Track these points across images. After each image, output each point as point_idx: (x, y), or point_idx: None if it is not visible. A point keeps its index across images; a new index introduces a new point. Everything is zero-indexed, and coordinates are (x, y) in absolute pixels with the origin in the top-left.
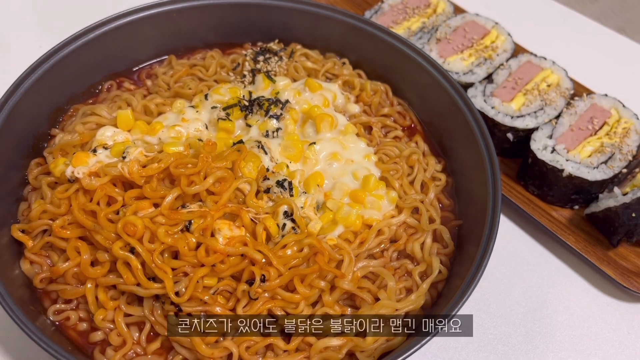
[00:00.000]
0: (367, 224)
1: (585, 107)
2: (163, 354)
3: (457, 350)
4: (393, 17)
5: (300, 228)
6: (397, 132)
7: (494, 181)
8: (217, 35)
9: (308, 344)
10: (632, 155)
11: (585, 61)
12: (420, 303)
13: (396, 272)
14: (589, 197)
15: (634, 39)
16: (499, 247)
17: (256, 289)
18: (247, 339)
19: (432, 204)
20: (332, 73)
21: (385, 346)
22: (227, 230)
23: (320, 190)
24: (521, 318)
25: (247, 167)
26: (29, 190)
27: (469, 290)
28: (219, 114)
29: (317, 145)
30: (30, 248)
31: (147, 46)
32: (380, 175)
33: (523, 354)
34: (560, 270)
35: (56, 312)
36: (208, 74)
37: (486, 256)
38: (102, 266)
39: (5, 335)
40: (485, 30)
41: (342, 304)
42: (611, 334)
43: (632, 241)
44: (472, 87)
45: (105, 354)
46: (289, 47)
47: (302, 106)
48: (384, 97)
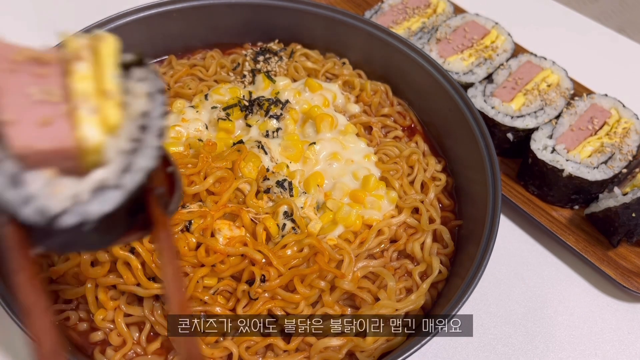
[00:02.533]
0: (367, 224)
1: (585, 107)
2: (163, 354)
3: (457, 350)
4: (393, 17)
5: (300, 228)
6: (397, 132)
7: (494, 181)
8: (217, 35)
9: (308, 344)
10: (632, 155)
11: (585, 61)
12: (420, 303)
13: (396, 272)
14: (589, 197)
15: (634, 39)
16: (499, 247)
17: (256, 289)
18: (247, 339)
19: (432, 204)
20: (332, 73)
21: (385, 346)
22: (227, 231)
23: (320, 190)
24: (521, 318)
25: (247, 167)
26: None
27: (469, 290)
28: (219, 114)
29: (317, 145)
30: None
31: (147, 46)
32: (380, 175)
33: (523, 354)
34: (560, 270)
35: (56, 312)
36: (208, 74)
37: (486, 256)
38: (102, 266)
39: (5, 335)
40: (485, 30)
41: (342, 304)
42: (611, 334)
43: (632, 241)
44: (472, 87)
45: (105, 354)
46: (289, 47)
47: (302, 106)
48: (384, 97)
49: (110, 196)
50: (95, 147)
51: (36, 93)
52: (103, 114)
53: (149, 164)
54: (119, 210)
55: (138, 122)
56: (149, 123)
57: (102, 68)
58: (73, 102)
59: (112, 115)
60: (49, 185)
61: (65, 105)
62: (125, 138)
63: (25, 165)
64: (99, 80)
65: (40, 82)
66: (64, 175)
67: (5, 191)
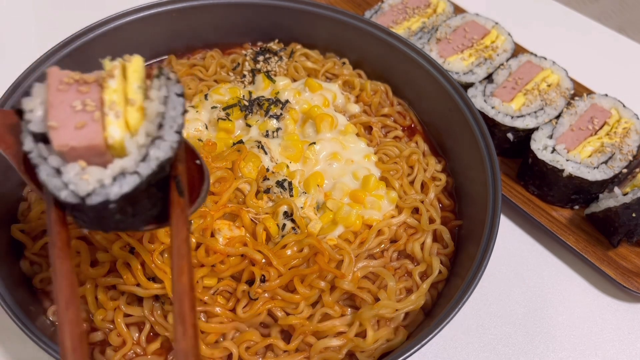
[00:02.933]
0: (367, 224)
1: (585, 107)
2: (163, 354)
3: (457, 351)
4: (393, 17)
5: (300, 228)
6: (397, 132)
7: (494, 181)
8: (217, 35)
9: (308, 344)
10: (633, 155)
11: (586, 61)
12: (420, 303)
13: (396, 272)
14: (589, 197)
15: (634, 39)
16: (499, 247)
17: (256, 289)
18: (247, 339)
19: (432, 204)
20: (332, 73)
21: (385, 346)
22: (227, 231)
23: (320, 190)
24: (521, 318)
25: (247, 167)
26: (28, 190)
27: (469, 290)
28: (218, 114)
29: (317, 145)
30: (30, 248)
31: (147, 46)
32: (380, 175)
33: (523, 354)
34: (560, 270)
35: (56, 313)
36: (208, 74)
37: (486, 256)
38: (102, 266)
39: (5, 335)
40: (485, 30)
41: (342, 304)
42: (611, 334)
43: (632, 241)
44: (472, 87)
45: (105, 354)
46: (289, 47)
47: (302, 106)
48: (384, 97)
49: (128, 180)
50: (118, 143)
51: (77, 105)
52: (126, 117)
53: (162, 155)
54: (138, 192)
55: (155, 121)
56: (165, 122)
57: (128, 81)
58: (103, 109)
59: (132, 118)
60: (80, 173)
61: (97, 112)
62: (143, 134)
63: (65, 160)
64: (126, 91)
65: (81, 97)
66: (92, 165)
67: (50, 179)
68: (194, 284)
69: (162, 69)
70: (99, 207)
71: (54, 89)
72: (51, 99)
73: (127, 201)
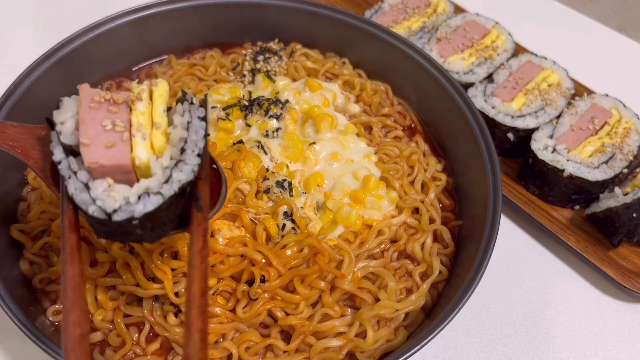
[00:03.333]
0: (367, 224)
1: (586, 107)
2: (162, 355)
3: (457, 351)
4: (393, 17)
5: (300, 228)
6: (397, 132)
7: (495, 181)
8: (217, 35)
9: (308, 345)
10: (633, 155)
11: (586, 61)
12: (420, 303)
13: (396, 273)
14: (589, 197)
15: (634, 38)
16: (499, 247)
17: (256, 289)
18: (247, 339)
19: (433, 204)
20: (332, 73)
21: (385, 346)
22: (226, 231)
23: (320, 190)
24: (521, 318)
25: (246, 167)
26: (28, 190)
27: (470, 290)
28: (218, 114)
29: (317, 145)
30: (30, 248)
31: (147, 46)
32: (381, 175)
33: (523, 354)
34: (560, 270)
35: (55, 313)
36: (208, 73)
37: (486, 256)
38: (102, 266)
39: (5, 335)
40: (485, 30)
41: (342, 305)
42: (612, 335)
43: (632, 241)
44: (472, 87)
45: (104, 355)
46: (289, 46)
47: (302, 106)
48: (384, 97)
49: (152, 200)
50: (144, 164)
51: (107, 124)
52: (151, 140)
53: (184, 178)
54: (161, 211)
55: (179, 145)
56: (187, 146)
57: (154, 105)
58: (132, 130)
59: (157, 141)
60: (108, 190)
61: (126, 133)
62: (167, 157)
63: (93, 175)
64: (152, 114)
65: (111, 117)
66: (119, 183)
67: (79, 194)
68: (206, 291)
69: (185, 94)
70: (123, 222)
71: (86, 106)
72: (82, 116)
73: (148, 218)
